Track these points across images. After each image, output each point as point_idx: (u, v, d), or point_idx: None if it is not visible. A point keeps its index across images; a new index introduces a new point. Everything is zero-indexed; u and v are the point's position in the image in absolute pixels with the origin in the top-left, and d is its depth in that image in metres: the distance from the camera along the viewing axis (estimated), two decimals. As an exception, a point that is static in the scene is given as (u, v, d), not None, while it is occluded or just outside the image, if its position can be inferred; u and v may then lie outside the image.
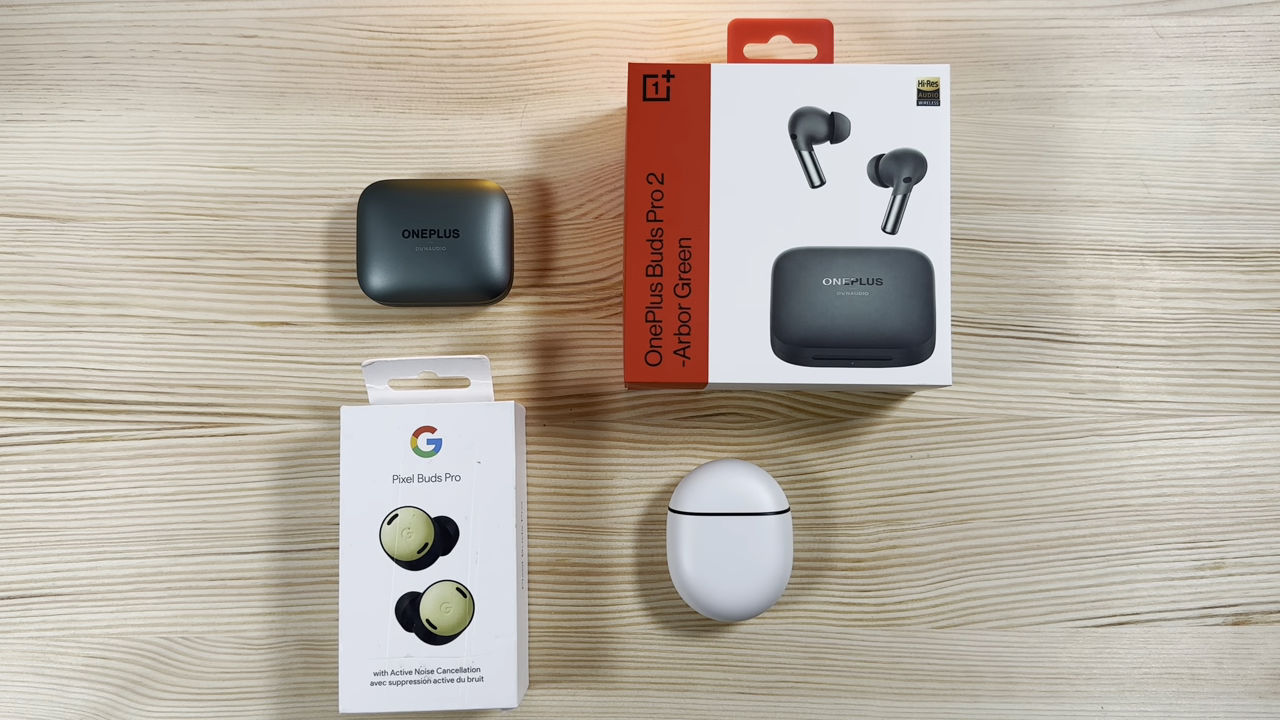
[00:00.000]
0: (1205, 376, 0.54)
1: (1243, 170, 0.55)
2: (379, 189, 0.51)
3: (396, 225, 0.50)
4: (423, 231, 0.49)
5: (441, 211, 0.50)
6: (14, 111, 0.55)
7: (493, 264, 0.50)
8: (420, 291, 0.51)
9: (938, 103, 0.49)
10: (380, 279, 0.50)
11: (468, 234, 0.49)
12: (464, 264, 0.50)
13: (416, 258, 0.50)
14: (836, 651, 0.53)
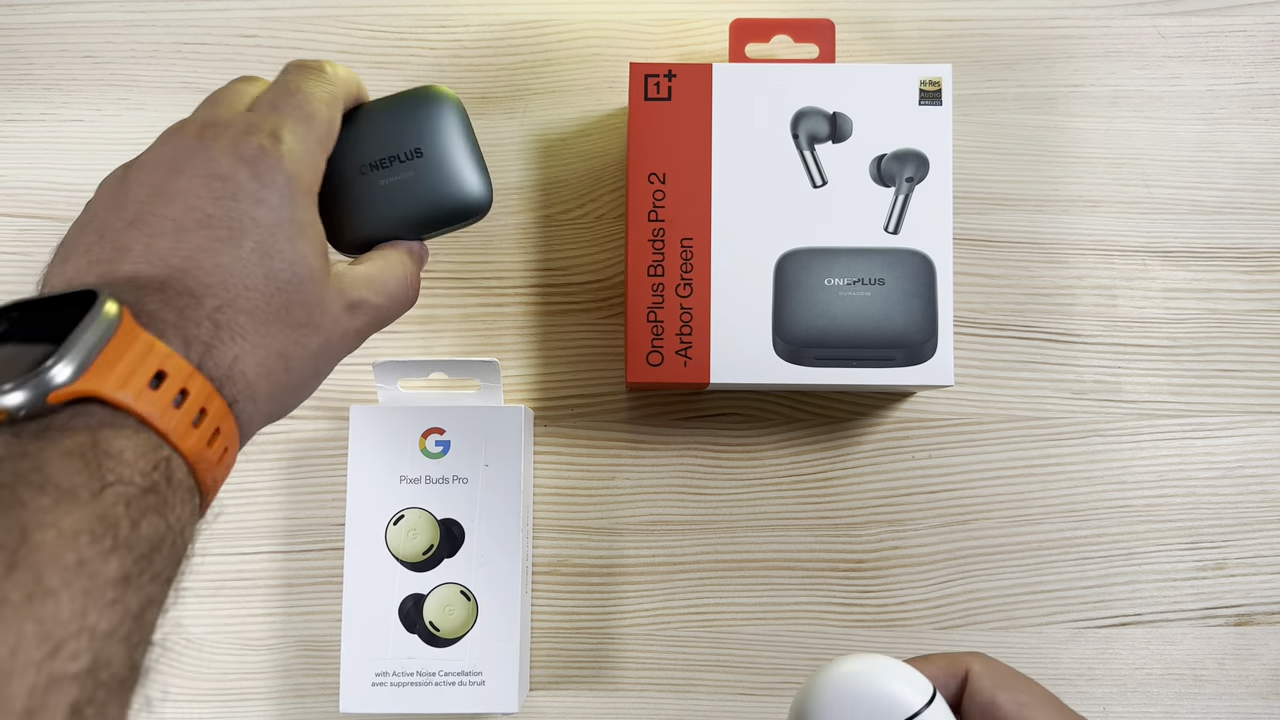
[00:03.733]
0: (1207, 377, 0.54)
1: (1245, 170, 0.54)
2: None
3: (350, 162, 0.39)
4: (381, 162, 0.39)
5: (396, 133, 0.40)
6: (14, 111, 0.55)
7: (471, 177, 0.40)
8: (393, 225, 0.40)
9: (940, 102, 0.49)
10: (351, 227, 0.39)
11: (433, 151, 0.40)
12: (438, 185, 0.40)
13: (383, 192, 0.40)
14: (839, 653, 0.53)
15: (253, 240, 0.31)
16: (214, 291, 0.29)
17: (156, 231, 0.30)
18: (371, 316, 0.35)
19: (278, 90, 0.35)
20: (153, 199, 0.31)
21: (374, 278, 0.36)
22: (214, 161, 0.31)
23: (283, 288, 0.31)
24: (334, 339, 0.34)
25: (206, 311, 0.29)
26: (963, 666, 0.33)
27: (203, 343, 0.28)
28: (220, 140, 0.32)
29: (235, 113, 0.34)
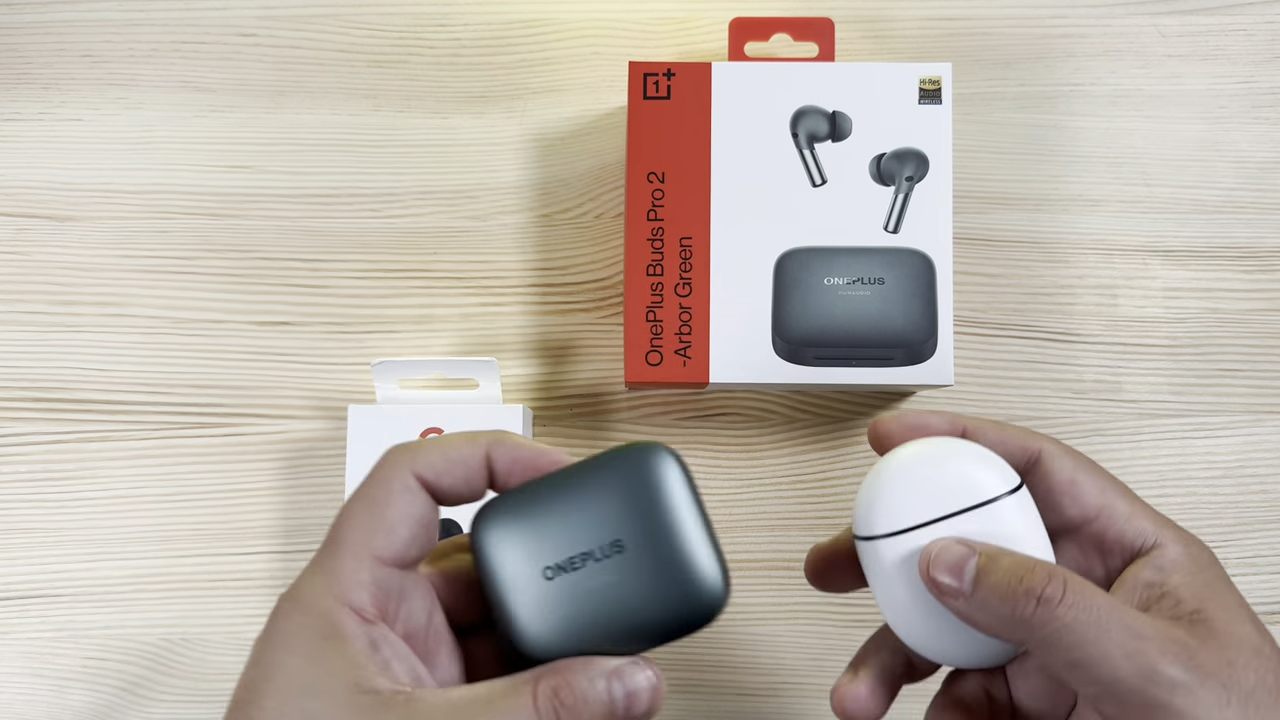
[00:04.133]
0: (1208, 376, 0.54)
1: (1245, 169, 0.54)
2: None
3: (529, 561, 0.30)
4: (568, 563, 0.30)
5: (587, 518, 0.30)
6: (12, 111, 0.55)
7: (693, 573, 0.30)
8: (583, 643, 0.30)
9: (940, 101, 0.49)
10: (529, 645, 0.30)
11: (638, 541, 0.29)
12: (645, 588, 0.29)
13: (573, 603, 0.29)
14: (840, 653, 0.53)
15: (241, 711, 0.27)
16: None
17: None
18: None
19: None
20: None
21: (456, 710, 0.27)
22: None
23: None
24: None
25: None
26: (1036, 445, 0.31)
27: None
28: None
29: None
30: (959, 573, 0.28)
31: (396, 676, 0.27)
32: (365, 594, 0.27)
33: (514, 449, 0.29)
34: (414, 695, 0.26)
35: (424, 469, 0.29)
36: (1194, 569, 0.29)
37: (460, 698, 0.27)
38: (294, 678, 0.26)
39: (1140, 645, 0.26)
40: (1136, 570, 0.29)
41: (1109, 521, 0.30)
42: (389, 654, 0.27)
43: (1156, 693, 0.26)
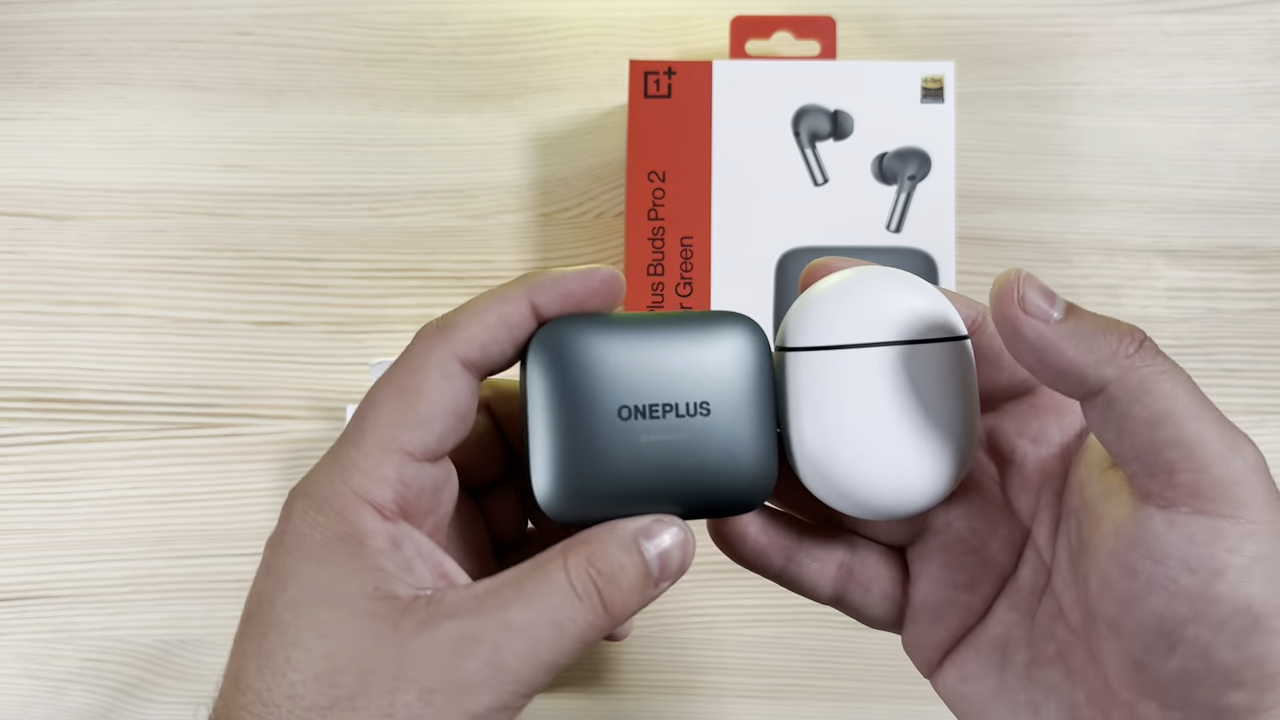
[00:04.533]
0: (1211, 377, 0.53)
1: (1248, 169, 0.54)
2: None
3: (605, 396, 0.27)
4: (649, 409, 0.27)
5: (682, 371, 0.28)
6: (9, 110, 0.54)
7: (759, 456, 0.28)
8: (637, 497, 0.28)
9: (942, 100, 0.49)
10: (581, 486, 0.27)
11: (725, 411, 0.28)
12: (718, 458, 0.28)
13: (640, 451, 0.27)
14: (840, 655, 0.53)
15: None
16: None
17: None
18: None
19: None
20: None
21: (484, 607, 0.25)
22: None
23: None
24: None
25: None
26: (980, 308, 0.29)
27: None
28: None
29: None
30: (1051, 296, 0.25)
31: (420, 578, 0.25)
32: (389, 490, 0.25)
33: (559, 287, 0.26)
34: (435, 597, 0.25)
35: (464, 347, 0.26)
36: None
37: (486, 590, 0.25)
38: (307, 585, 0.25)
39: (1221, 423, 0.24)
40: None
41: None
42: (411, 553, 0.25)
43: (1233, 470, 0.23)
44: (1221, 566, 0.23)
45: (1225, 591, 0.23)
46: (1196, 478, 0.24)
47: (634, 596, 0.26)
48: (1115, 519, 0.25)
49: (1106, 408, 0.24)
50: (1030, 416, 0.29)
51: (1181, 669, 0.24)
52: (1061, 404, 0.28)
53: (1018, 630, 0.28)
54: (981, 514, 0.30)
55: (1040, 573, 0.29)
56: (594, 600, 0.25)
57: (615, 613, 0.25)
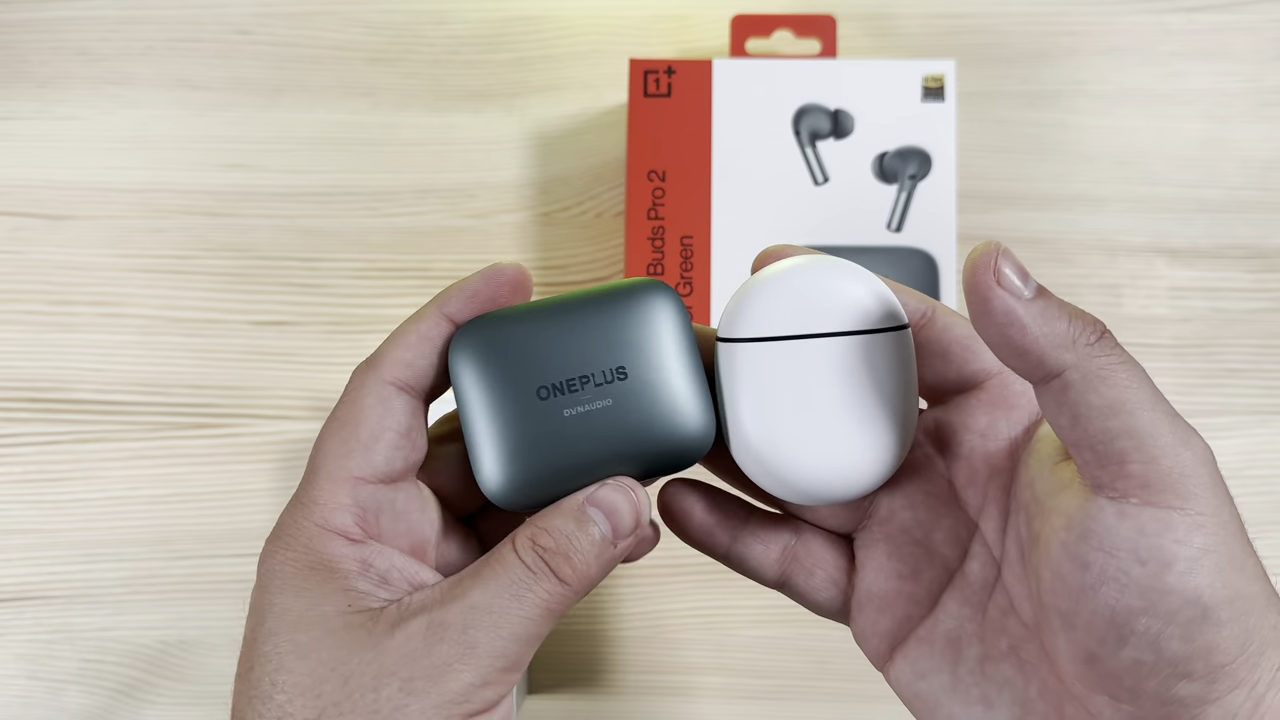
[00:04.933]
0: (1213, 376, 0.53)
1: (1250, 168, 0.54)
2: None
3: (521, 381, 0.28)
4: (565, 385, 0.28)
5: (592, 342, 0.28)
6: (8, 109, 0.54)
7: (690, 408, 0.29)
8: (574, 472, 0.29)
9: (943, 99, 0.49)
10: (513, 474, 0.28)
11: (642, 371, 0.28)
12: (647, 419, 0.28)
13: (565, 427, 0.28)
14: (841, 656, 0.52)
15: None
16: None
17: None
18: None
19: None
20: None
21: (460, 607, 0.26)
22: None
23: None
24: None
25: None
26: (931, 304, 0.29)
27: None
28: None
29: None
30: (1025, 274, 0.25)
31: (395, 588, 0.27)
32: (348, 516, 0.27)
33: (464, 293, 0.28)
34: (404, 600, 0.26)
35: (392, 371, 0.27)
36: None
37: (450, 583, 0.26)
38: (283, 615, 0.26)
39: (1172, 421, 0.24)
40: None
41: (1012, 377, 0.28)
42: (385, 568, 0.27)
43: (1182, 463, 0.24)
44: (1170, 558, 0.23)
45: (1174, 583, 0.23)
46: (1146, 469, 0.24)
47: (590, 560, 0.27)
48: (1066, 512, 0.25)
49: (1062, 392, 0.24)
50: (978, 411, 0.29)
51: (1133, 660, 0.24)
52: (1010, 399, 0.28)
53: (970, 625, 0.29)
54: (926, 505, 0.30)
55: (989, 567, 0.29)
56: (545, 571, 0.26)
57: (570, 579, 0.26)
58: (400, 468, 0.27)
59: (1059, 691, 0.26)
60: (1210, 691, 0.24)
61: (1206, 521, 0.24)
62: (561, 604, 0.26)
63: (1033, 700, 0.27)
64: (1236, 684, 0.24)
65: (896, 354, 0.28)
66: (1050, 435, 0.27)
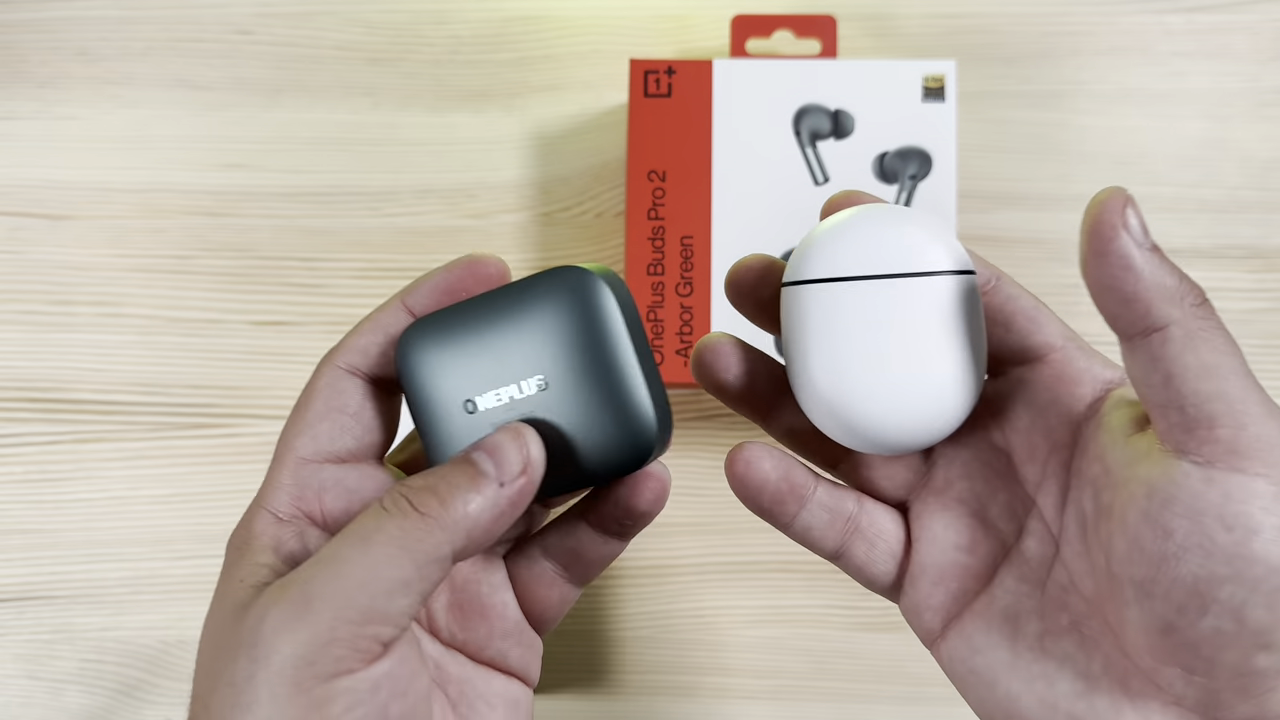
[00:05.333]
0: (1213, 376, 0.53)
1: (1250, 168, 0.54)
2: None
3: (451, 391, 0.28)
4: (492, 398, 0.27)
5: (512, 348, 0.27)
6: (8, 109, 0.54)
7: (626, 413, 0.27)
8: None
9: (943, 99, 0.49)
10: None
11: (562, 377, 0.27)
12: (573, 428, 0.27)
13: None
14: (841, 656, 0.52)
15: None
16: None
17: None
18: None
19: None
20: None
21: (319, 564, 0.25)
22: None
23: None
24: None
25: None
26: (994, 271, 0.29)
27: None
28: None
29: None
30: (1146, 228, 0.25)
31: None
32: (284, 495, 0.27)
33: (426, 284, 0.28)
34: (290, 573, 0.25)
35: (346, 356, 0.28)
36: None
37: (331, 540, 0.25)
38: (213, 598, 0.26)
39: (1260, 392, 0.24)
40: (1128, 394, 0.27)
41: (1076, 352, 0.28)
42: (296, 548, 0.26)
43: (1276, 427, 0.24)
44: (1257, 525, 0.23)
45: (1260, 550, 0.23)
46: (1236, 434, 0.24)
47: (466, 496, 0.25)
48: (1146, 480, 0.25)
49: (1162, 346, 0.24)
50: (1040, 385, 0.29)
51: (1214, 630, 0.24)
52: (1074, 374, 0.28)
53: (1028, 601, 0.28)
54: (982, 477, 0.30)
55: (1047, 543, 0.28)
56: (403, 507, 0.25)
57: (433, 511, 0.25)
58: (351, 447, 0.28)
59: (1124, 666, 0.26)
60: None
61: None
62: (423, 541, 0.24)
63: (1096, 675, 0.27)
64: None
65: (965, 299, 0.27)
66: (1123, 407, 0.27)
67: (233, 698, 0.24)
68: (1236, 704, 0.24)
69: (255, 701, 0.23)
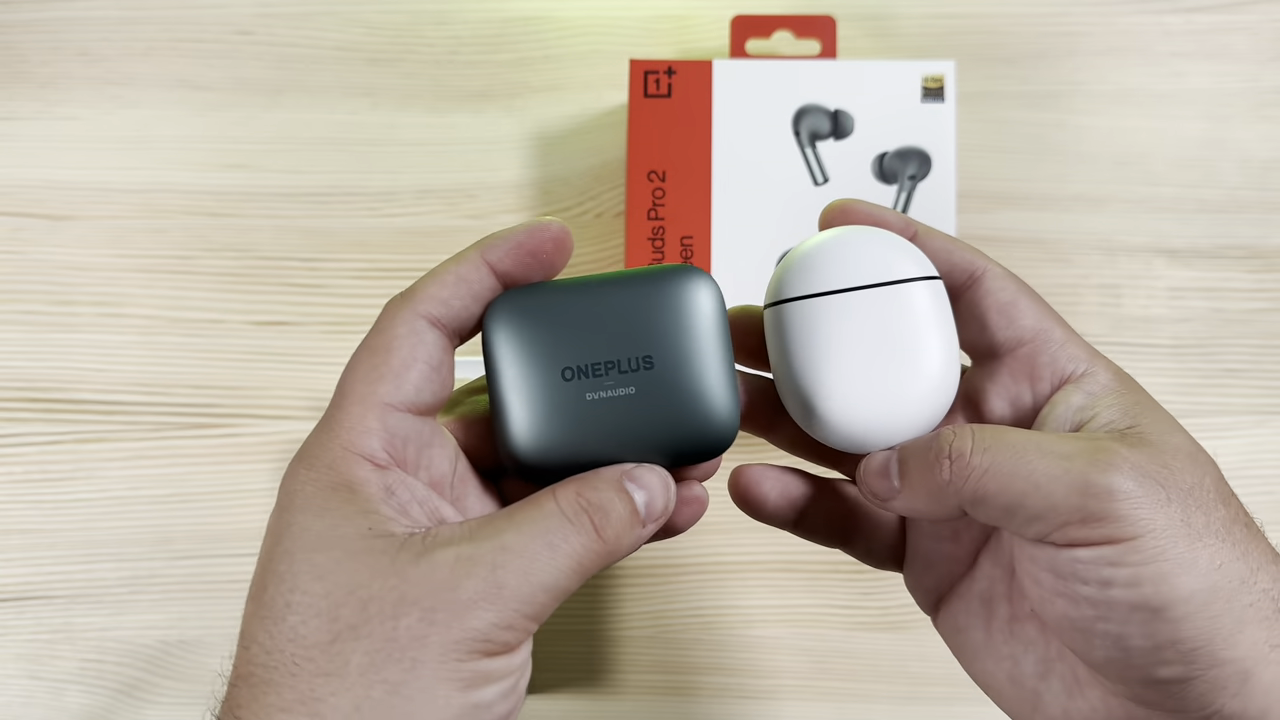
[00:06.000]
0: (1212, 377, 0.53)
1: (1249, 168, 0.54)
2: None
3: (548, 360, 0.28)
4: (590, 369, 0.28)
5: (621, 327, 0.29)
6: (9, 109, 0.54)
7: (715, 404, 0.29)
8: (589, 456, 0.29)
9: (943, 99, 0.49)
10: (531, 447, 0.28)
11: (668, 361, 0.28)
12: (667, 410, 0.29)
13: (585, 410, 0.28)
14: (840, 656, 0.52)
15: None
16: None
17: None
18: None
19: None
20: None
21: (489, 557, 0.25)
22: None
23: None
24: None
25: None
26: (982, 264, 0.30)
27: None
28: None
29: None
30: (886, 472, 0.28)
31: (416, 520, 0.26)
32: (375, 440, 0.26)
33: (508, 242, 0.28)
34: (431, 532, 0.25)
35: (427, 305, 0.27)
36: (1124, 390, 0.28)
37: (480, 522, 0.26)
38: (301, 535, 0.25)
39: (1066, 464, 0.25)
40: (1067, 395, 0.28)
41: (1043, 346, 0.29)
42: (406, 498, 0.26)
43: (1095, 505, 0.25)
44: (1109, 579, 0.25)
45: (1119, 595, 0.25)
46: (1069, 539, 0.26)
47: (625, 530, 0.27)
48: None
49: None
50: (1007, 378, 0.30)
51: (1105, 657, 0.26)
52: (1035, 370, 0.29)
53: (1000, 586, 0.30)
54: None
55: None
56: (586, 524, 0.26)
57: (609, 540, 0.26)
58: (429, 400, 0.27)
59: (1073, 656, 0.28)
60: (1190, 670, 0.25)
61: (1141, 543, 0.25)
62: (594, 563, 0.26)
63: (1052, 660, 0.28)
64: (1217, 662, 0.25)
65: (933, 302, 0.29)
66: (1058, 408, 0.28)
67: (388, 652, 0.24)
68: (1160, 701, 0.26)
69: (419, 662, 0.24)
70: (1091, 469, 0.25)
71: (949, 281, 0.30)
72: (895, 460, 0.28)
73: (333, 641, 0.24)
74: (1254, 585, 0.25)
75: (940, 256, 0.30)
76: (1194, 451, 0.27)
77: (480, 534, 0.25)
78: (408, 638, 0.24)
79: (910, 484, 0.28)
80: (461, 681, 0.24)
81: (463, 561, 0.25)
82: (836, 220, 0.30)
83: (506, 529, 0.25)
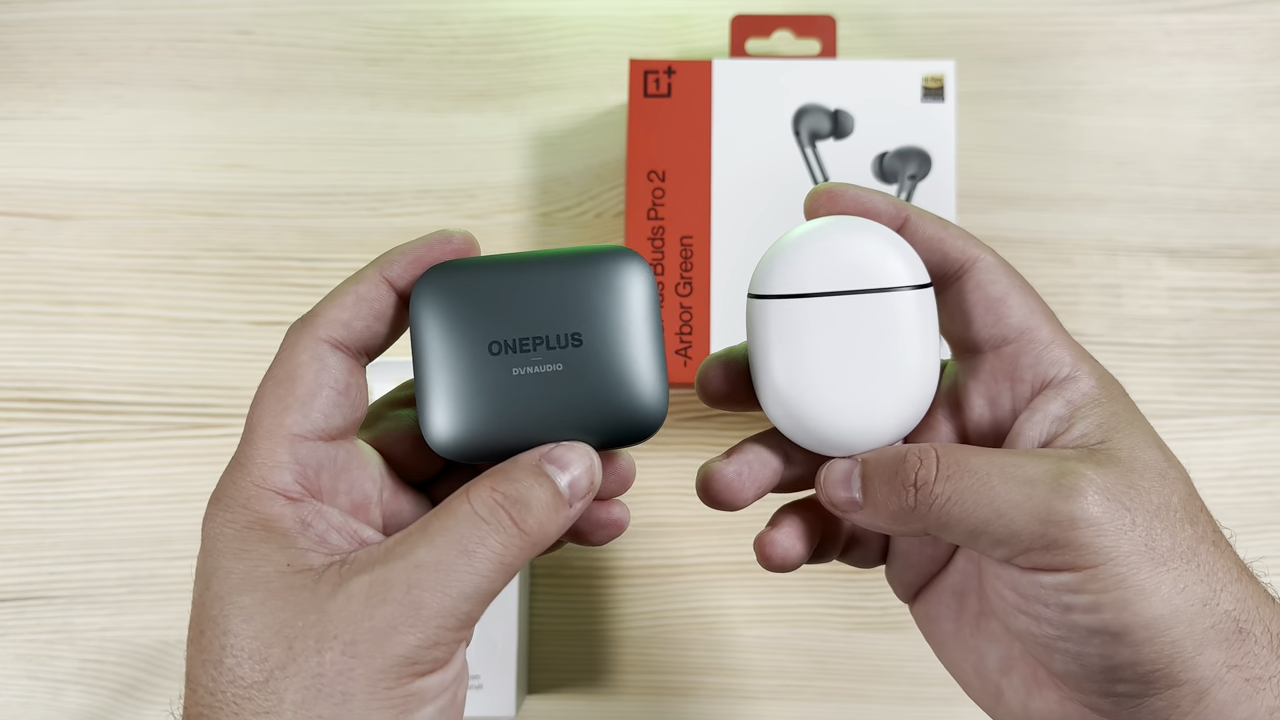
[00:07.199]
0: (1212, 376, 0.53)
1: (1250, 168, 0.54)
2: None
3: (476, 333, 0.28)
4: (519, 344, 0.28)
5: (551, 304, 0.28)
6: (8, 109, 0.54)
7: (643, 386, 0.28)
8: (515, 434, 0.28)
9: (943, 99, 0.49)
10: (456, 424, 0.28)
11: (597, 340, 0.28)
12: (594, 390, 0.28)
13: (512, 386, 0.28)
14: (840, 656, 0.52)
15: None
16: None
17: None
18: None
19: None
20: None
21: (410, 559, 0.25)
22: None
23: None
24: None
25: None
26: (974, 253, 0.29)
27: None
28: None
29: None
30: (848, 483, 0.28)
31: (336, 547, 0.26)
32: (287, 474, 0.26)
33: (406, 257, 0.27)
34: (348, 558, 0.25)
35: (328, 329, 0.27)
36: (1104, 400, 0.28)
37: (395, 540, 0.25)
38: (226, 578, 0.25)
39: (1028, 490, 0.25)
40: (1045, 401, 0.28)
41: (1027, 346, 0.29)
42: (324, 527, 0.26)
43: (1056, 533, 0.25)
44: (1070, 604, 0.25)
45: (1080, 620, 0.25)
46: (1034, 564, 0.26)
47: (549, 517, 0.26)
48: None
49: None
50: (989, 376, 0.29)
51: (1064, 669, 0.26)
52: (1017, 371, 0.29)
53: (971, 581, 0.30)
54: None
55: None
56: (503, 520, 0.25)
57: (532, 532, 0.26)
58: (339, 424, 0.27)
59: (1032, 658, 0.28)
60: (1147, 689, 0.25)
61: (1101, 571, 0.25)
62: (519, 557, 0.25)
63: (1014, 659, 0.29)
64: (1174, 683, 0.25)
65: (919, 312, 0.29)
66: (1035, 418, 0.29)
67: (317, 687, 0.24)
68: (1114, 713, 0.26)
69: (350, 695, 0.24)
70: (1054, 496, 0.25)
71: (939, 273, 0.29)
72: (857, 473, 0.28)
73: (267, 681, 0.24)
74: (1216, 608, 0.25)
75: (931, 245, 0.29)
76: (1164, 469, 0.27)
77: (394, 553, 0.25)
78: (333, 672, 0.24)
79: (873, 503, 0.28)
80: (395, 708, 0.24)
81: (376, 587, 0.24)
82: (823, 207, 0.29)
83: (420, 543, 0.25)
